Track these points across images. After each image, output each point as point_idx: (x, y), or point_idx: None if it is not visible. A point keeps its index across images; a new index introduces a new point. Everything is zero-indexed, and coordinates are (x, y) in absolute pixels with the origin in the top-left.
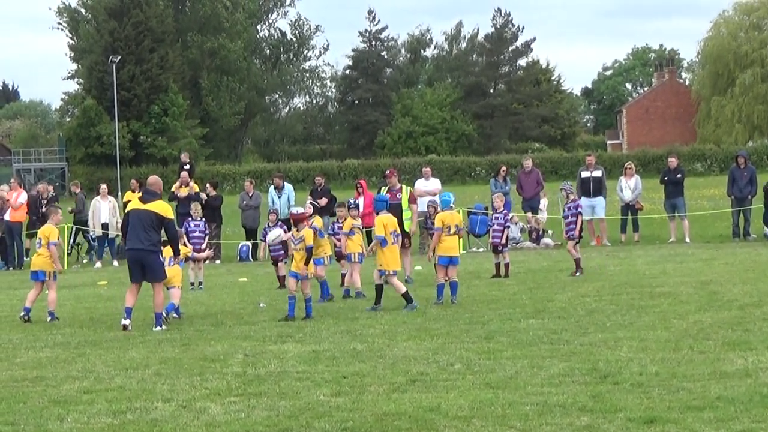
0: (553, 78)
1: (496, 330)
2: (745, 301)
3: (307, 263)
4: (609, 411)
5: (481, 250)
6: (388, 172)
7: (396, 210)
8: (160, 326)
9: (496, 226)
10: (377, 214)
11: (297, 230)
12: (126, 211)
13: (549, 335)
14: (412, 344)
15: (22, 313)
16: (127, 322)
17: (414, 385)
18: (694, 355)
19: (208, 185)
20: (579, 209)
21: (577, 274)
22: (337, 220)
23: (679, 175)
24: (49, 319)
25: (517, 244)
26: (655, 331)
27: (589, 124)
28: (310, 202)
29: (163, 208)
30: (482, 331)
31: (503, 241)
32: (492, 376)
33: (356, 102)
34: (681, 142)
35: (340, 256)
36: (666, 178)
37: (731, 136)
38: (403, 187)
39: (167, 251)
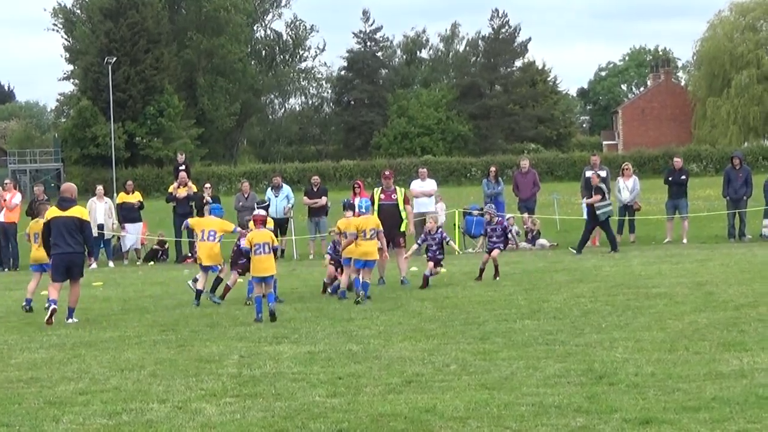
0: (549, 79)
1: (491, 331)
2: (741, 302)
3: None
4: (604, 412)
5: (478, 251)
6: (387, 172)
7: (391, 211)
8: (72, 318)
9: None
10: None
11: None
12: (47, 220)
13: (544, 336)
14: (408, 345)
15: (24, 304)
16: (53, 307)
17: (409, 386)
18: (689, 356)
19: (207, 186)
20: (506, 231)
21: (495, 278)
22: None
23: (683, 176)
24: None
25: (515, 245)
26: (650, 332)
27: (584, 125)
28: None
29: (82, 212)
30: (478, 332)
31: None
32: (487, 377)
33: (352, 103)
34: (677, 142)
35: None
36: (670, 179)
37: (726, 137)
38: (398, 188)
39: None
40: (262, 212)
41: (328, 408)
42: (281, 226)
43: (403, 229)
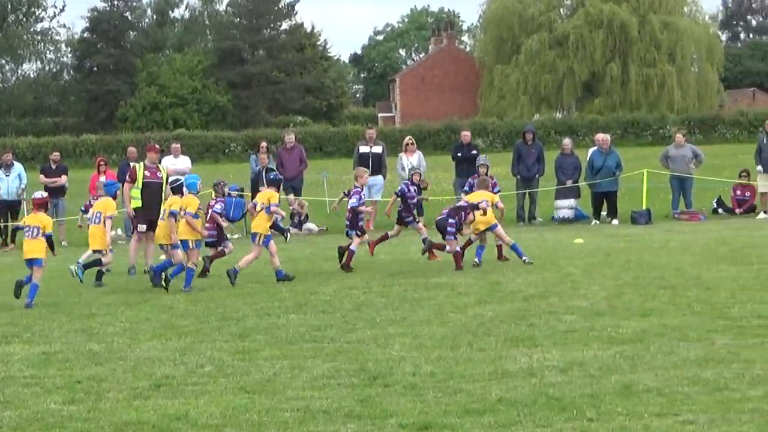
0: (318, 43)
1: (252, 327)
2: (530, 292)
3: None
4: (379, 417)
5: (236, 236)
6: (149, 146)
7: (157, 190)
8: None
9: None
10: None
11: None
12: None
13: (311, 332)
14: (157, 344)
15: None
16: None
17: (158, 391)
18: (473, 353)
19: None
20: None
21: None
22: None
23: (474, 152)
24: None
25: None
26: (430, 327)
27: (358, 95)
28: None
29: None
30: (236, 329)
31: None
32: (247, 379)
33: (95, 69)
34: (461, 114)
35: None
36: (459, 155)
37: (516, 109)
38: (160, 165)
39: None
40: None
41: (65, 416)
42: (12, 209)
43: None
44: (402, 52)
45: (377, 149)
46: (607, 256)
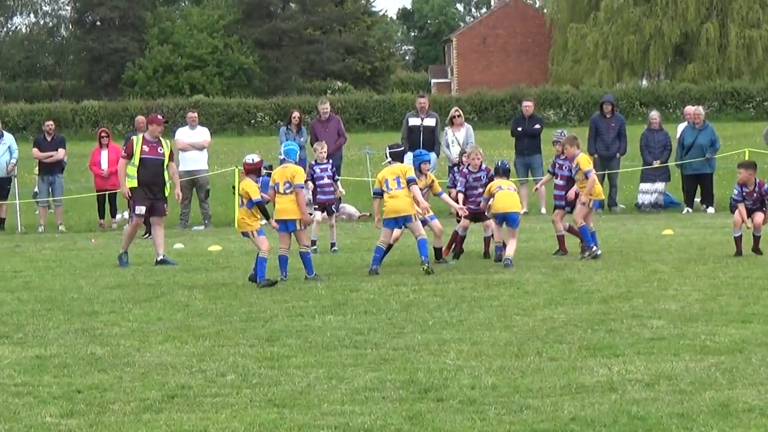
0: None
1: (281, 329)
2: (610, 293)
3: None
4: None
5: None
6: (160, 117)
7: (156, 169)
8: None
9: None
10: None
11: None
12: None
13: (352, 336)
14: (170, 348)
15: None
16: None
17: (172, 403)
18: (542, 363)
19: None
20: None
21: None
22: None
23: (537, 126)
24: None
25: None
26: (492, 332)
27: (408, 58)
28: None
29: None
30: (264, 331)
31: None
32: (276, 391)
33: (98, 24)
34: (529, 82)
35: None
36: (519, 129)
37: (594, 76)
38: (163, 140)
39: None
40: None
41: (63, 431)
42: (2, 187)
43: (167, 193)
44: (460, 7)
45: (430, 122)
46: (701, 251)
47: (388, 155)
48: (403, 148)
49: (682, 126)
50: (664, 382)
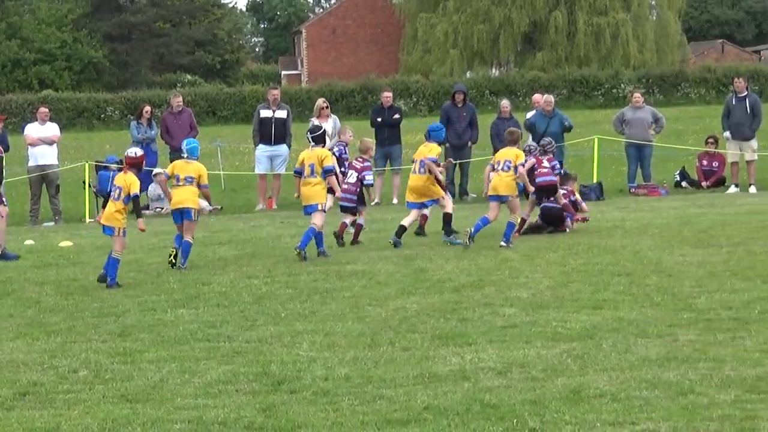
0: None
1: (134, 324)
2: (461, 282)
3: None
4: (285, 428)
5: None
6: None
7: None
8: None
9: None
10: None
11: None
12: None
13: (204, 330)
14: (22, 345)
15: None
16: None
17: (24, 400)
18: (395, 353)
19: None
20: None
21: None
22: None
23: (396, 116)
24: None
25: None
26: (344, 323)
27: (258, 50)
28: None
29: None
30: (116, 326)
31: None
32: (129, 386)
33: None
34: (379, 73)
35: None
36: (379, 120)
37: (445, 66)
38: None
39: None
40: None
41: None
42: None
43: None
44: None
45: (281, 113)
46: (551, 238)
47: (310, 140)
48: (324, 129)
49: (530, 114)
50: (516, 370)
